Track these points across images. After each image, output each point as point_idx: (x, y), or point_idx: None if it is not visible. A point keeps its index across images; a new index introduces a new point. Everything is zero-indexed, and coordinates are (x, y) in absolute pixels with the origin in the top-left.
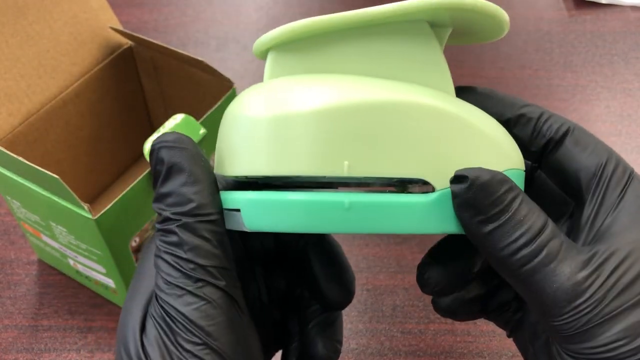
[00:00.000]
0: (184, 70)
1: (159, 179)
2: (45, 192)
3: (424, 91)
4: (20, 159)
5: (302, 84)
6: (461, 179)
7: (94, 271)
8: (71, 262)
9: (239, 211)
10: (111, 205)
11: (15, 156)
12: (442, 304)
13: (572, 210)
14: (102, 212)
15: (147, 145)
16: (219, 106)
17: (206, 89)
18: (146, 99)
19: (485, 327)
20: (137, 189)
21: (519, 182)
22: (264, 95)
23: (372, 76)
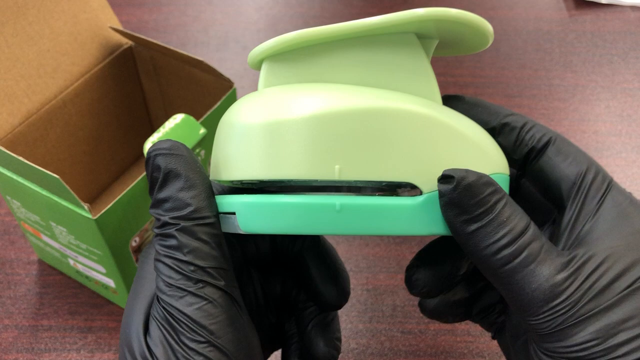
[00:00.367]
0: (184, 70)
1: (156, 185)
2: (45, 192)
3: (412, 99)
4: (20, 159)
5: (294, 92)
6: (448, 179)
7: (94, 271)
8: (71, 262)
9: (234, 214)
10: (111, 205)
11: (15, 156)
12: (428, 306)
13: (555, 217)
14: (102, 212)
15: (147, 145)
16: (219, 106)
17: (206, 89)
18: (146, 99)
19: None
20: (137, 189)
21: (504, 186)
22: (258, 103)
23: (362, 85)
